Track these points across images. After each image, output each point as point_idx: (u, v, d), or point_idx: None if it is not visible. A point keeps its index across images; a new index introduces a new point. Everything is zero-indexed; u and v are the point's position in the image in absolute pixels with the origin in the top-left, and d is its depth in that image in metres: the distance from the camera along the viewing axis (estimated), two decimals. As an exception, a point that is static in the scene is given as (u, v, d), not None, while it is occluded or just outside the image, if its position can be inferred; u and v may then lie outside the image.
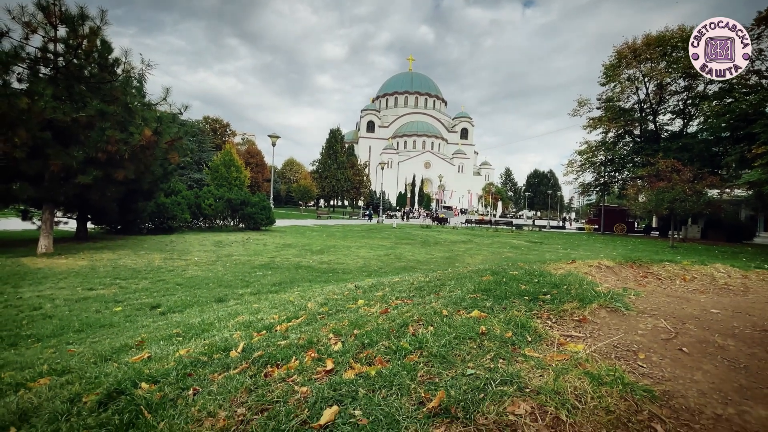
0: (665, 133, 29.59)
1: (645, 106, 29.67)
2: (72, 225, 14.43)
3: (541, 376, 1.35)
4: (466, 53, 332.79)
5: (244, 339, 2.21)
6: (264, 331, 2.41)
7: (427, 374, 1.46)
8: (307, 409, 1.22)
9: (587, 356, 1.51)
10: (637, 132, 30.65)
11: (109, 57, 11.03)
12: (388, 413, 1.20)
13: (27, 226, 14.60)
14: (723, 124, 22.90)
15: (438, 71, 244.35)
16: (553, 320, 1.98)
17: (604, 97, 30.15)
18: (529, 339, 1.72)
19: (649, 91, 28.89)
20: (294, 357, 1.75)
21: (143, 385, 1.72)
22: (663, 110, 29.36)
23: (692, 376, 1.41)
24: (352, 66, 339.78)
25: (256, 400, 1.32)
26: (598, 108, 30.74)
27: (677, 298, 2.69)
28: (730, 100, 22.38)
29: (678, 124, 29.20)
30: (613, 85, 29.31)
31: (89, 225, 14.65)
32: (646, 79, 28.33)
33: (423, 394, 1.30)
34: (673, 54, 26.17)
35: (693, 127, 28.13)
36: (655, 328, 1.85)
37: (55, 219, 11.60)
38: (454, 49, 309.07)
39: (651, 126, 29.82)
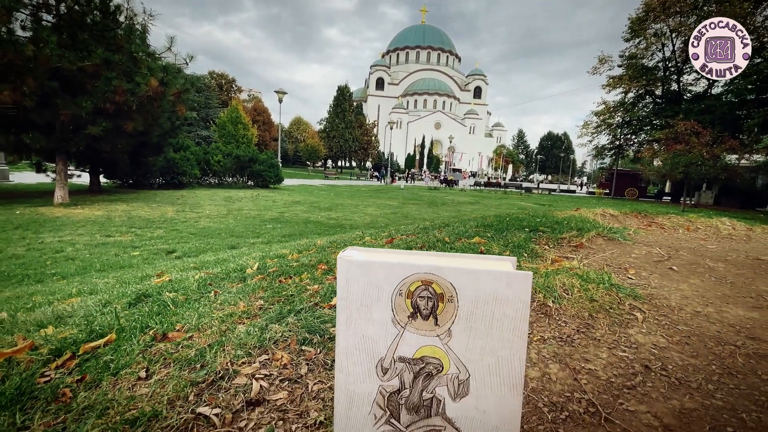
0: (688, 94, 28.28)
1: (670, 65, 28.14)
2: (85, 178, 14.74)
3: (533, 277, 1.46)
4: (482, 5, 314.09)
5: (258, 263, 2.36)
6: (276, 259, 2.56)
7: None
8: (318, 297, 1.35)
9: (579, 266, 1.60)
10: (658, 92, 29.33)
11: (111, 3, 10.70)
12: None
13: (41, 179, 14.97)
14: (749, 86, 21.77)
15: (452, 25, 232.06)
16: (551, 246, 2.07)
17: (626, 54, 28.60)
18: (526, 256, 1.82)
19: (675, 48, 27.27)
20: (305, 272, 1.88)
21: (167, 293, 1.87)
22: (688, 69, 27.83)
23: (678, 286, 1.50)
24: (362, 18, 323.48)
25: (272, 295, 1.46)
26: (619, 66, 29.24)
27: (677, 239, 2.75)
28: (759, 60, 21.09)
29: (703, 84, 27.74)
30: (637, 40, 27.68)
31: (102, 179, 14.96)
32: (673, 35, 26.64)
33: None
34: (704, 7, 24.38)
35: (718, 89, 26.76)
36: (649, 253, 1.94)
37: (69, 172, 11.83)
38: (470, 1, 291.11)
39: (674, 86, 28.45)
